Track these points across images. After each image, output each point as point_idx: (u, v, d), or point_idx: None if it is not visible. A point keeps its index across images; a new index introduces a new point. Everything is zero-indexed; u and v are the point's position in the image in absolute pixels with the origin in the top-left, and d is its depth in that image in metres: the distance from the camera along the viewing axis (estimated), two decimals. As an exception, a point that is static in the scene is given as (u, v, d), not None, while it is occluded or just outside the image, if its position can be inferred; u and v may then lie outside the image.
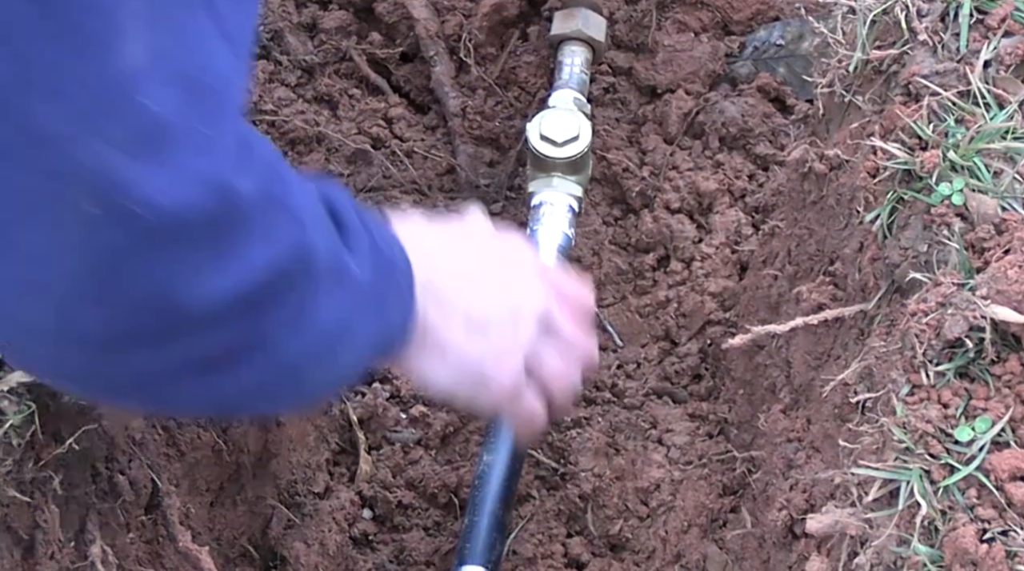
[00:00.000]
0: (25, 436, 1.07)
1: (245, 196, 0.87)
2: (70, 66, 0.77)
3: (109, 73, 0.78)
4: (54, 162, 0.79)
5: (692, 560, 1.40)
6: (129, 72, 0.78)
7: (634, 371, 1.53)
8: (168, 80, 0.80)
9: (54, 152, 0.79)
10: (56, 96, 0.77)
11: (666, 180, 1.58)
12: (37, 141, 0.78)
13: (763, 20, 1.69)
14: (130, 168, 0.80)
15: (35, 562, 1.11)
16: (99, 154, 0.80)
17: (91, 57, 0.77)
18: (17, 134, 0.78)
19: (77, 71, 0.77)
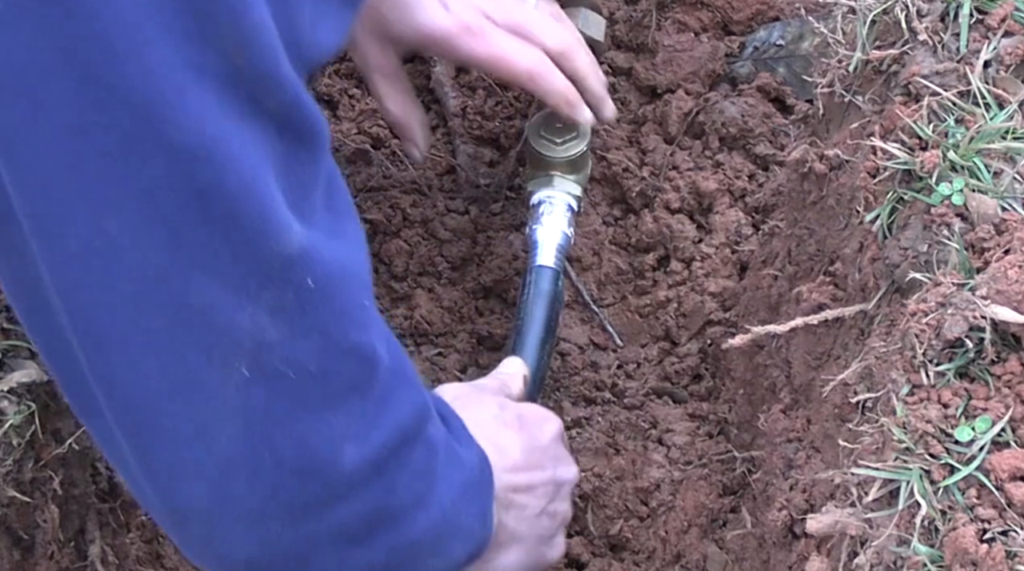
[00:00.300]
0: (25, 436, 1.07)
1: (385, 363, 0.93)
2: (226, 246, 0.81)
3: (263, 253, 0.82)
4: (210, 334, 0.83)
5: (692, 560, 1.40)
6: (283, 254, 0.83)
7: (634, 371, 1.53)
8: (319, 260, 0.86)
9: (210, 322, 0.82)
10: (211, 271, 0.81)
11: (666, 180, 1.58)
12: (195, 314, 0.82)
13: (763, 20, 1.69)
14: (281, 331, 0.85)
15: (35, 562, 1.11)
16: (253, 317, 0.84)
17: (245, 240, 0.81)
18: (175, 313, 0.81)
19: (233, 250, 0.81)
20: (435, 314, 1.54)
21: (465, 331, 1.54)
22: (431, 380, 1.49)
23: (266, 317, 0.84)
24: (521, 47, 1.42)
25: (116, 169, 0.77)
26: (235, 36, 0.77)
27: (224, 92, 0.78)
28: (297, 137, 0.84)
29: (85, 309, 0.81)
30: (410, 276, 1.56)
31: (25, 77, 0.75)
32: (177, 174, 0.78)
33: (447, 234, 1.58)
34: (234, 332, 0.83)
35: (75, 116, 0.76)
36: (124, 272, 0.80)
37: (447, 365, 1.51)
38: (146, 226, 0.79)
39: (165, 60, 0.76)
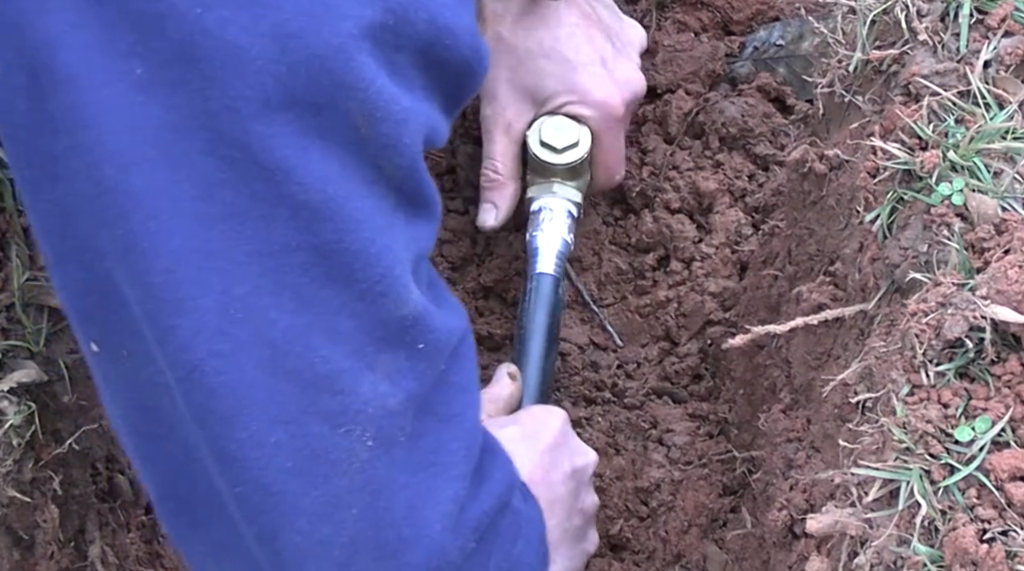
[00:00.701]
0: (25, 436, 1.07)
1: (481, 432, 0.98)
2: (347, 309, 0.83)
3: (383, 316, 0.84)
4: (335, 402, 0.84)
5: (692, 560, 1.40)
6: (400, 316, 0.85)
7: (634, 371, 1.53)
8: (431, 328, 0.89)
9: (335, 389, 0.84)
10: (334, 335, 0.83)
11: (666, 180, 1.58)
12: (321, 381, 0.83)
13: (763, 20, 1.69)
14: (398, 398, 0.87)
15: (35, 562, 1.11)
16: (374, 384, 0.85)
17: (366, 302, 0.83)
18: (302, 380, 0.83)
19: (354, 312, 0.83)
20: (435, 314, 1.54)
21: (465, 331, 1.54)
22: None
23: (386, 384, 0.86)
24: (623, 153, 1.49)
25: (244, 230, 0.79)
26: (361, 108, 0.79)
27: (347, 156, 0.80)
28: (413, 205, 0.86)
29: (213, 386, 0.82)
30: (410, 276, 1.56)
31: (159, 137, 0.77)
32: (301, 232, 0.80)
33: (447, 234, 1.57)
34: (358, 400, 0.85)
35: (205, 176, 0.78)
36: (254, 338, 0.81)
37: (447, 365, 1.51)
38: (273, 288, 0.81)
39: (291, 124, 0.77)
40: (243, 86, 0.76)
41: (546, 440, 1.23)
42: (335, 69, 0.78)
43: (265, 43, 0.76)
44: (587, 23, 1.47)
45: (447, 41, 0.84)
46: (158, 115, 0.76)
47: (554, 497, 1.19)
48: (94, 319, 0.85)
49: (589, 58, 1.45)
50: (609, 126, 1.47)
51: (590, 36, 1.46)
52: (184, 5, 0.75)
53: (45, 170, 0.79)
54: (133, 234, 0.79)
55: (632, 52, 1.53)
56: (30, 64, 0.76)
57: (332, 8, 0.77)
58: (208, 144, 0.77)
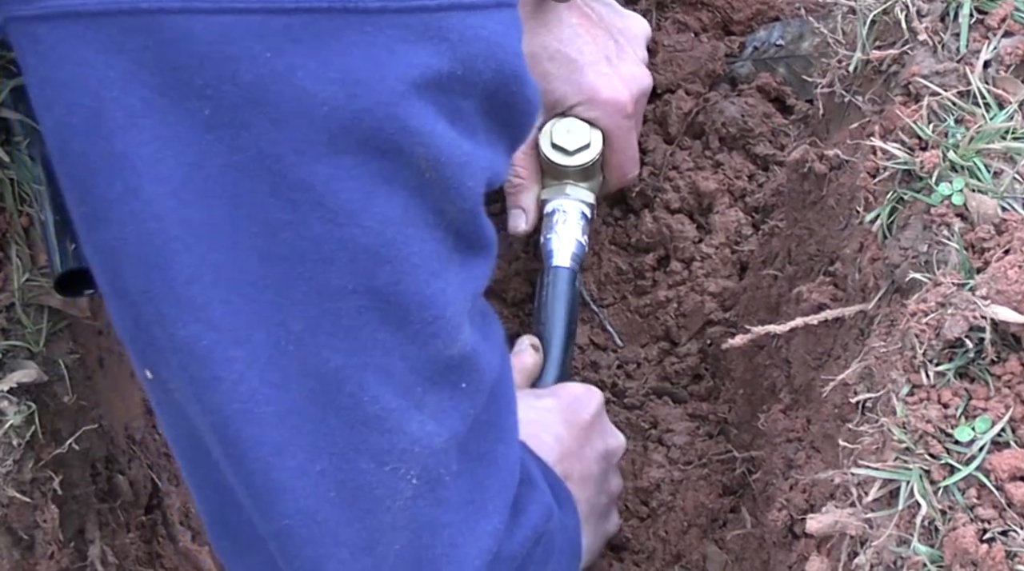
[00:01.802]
0: (25, 436, 1.07)
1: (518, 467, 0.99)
2: (399, 350, 0.84)
3: (432, 357, 0.86)
4: (384, 440, 0.86)
5: (692, 560, 1.40)
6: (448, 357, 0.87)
7: (634, 371, 1.53)
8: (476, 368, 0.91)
9: (384, 428, 0.85)
10: (385, 375, 0.84)
11: (666, 180, 1.58)
12: (370, 419, 0.85)
13: (763, 20, 1.69)
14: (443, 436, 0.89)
15: (35, 562, 1.11)
16: (421, 424, 0.87)
17: (417, 345, 0.85)
18: (350, 417, 0.84)
19: (405, 354, 0.85)
20: (435, 314, 1.54)
21: (465, 331, 1.54)
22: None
23: (432, 423, 0.87)
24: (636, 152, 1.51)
25: (303, 270, 0.80)
26: (426, 153, 0.81)
27: (411, 199, 0.82)
28: (471, 246, 0.88)
29: (264, 415, 0.83)
30: (410, 276, 1.56)
31: (224, 176, 0.78)
32: (358, 274, 0.81)
33: (447, 234, 1.58)
34: (405, 439, 0.86)
35: (267, 215, 0.79)
36: (304, 372, 0.82)
37: (447, 365, 1.51)
38: (328, 328, 0.82)
39: (357, 168, 0.79)
40: (310, 129, 0.77)
41: (584, 416, 1.26)
42: (400, 114, 0.79)
43: (333, 89, 0.77)
44: (589, 23, 1.47)
45: (513, 88, 0.86)
46: (224, 154, 0.78)
47: (587, 473, 1.21)
48: (146, 353, 0.86)
49: (594, 58, 1.46)
50: (619, 124, 1.47)
51: (593, 36, 1.46)
52: (255, 49, 0.76)
53: (97, 212, 0.80)
54: (190, 267, 0.80)
55: (637, 47, 1.53)
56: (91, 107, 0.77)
57: (399, 56, 0.79)
58: (273, 185, 0.78)
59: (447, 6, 0.80)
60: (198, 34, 0.75)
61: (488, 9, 0.83)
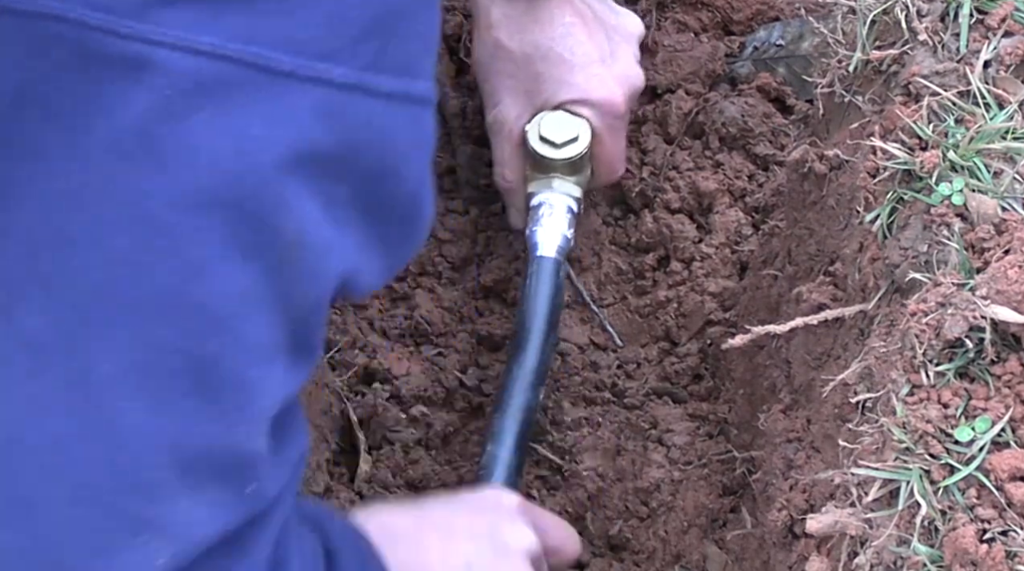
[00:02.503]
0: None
1: None
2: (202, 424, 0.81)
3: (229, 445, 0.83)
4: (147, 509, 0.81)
5: (692, 560, 1.40)
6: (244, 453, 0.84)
7: (634, 371, 1.53)
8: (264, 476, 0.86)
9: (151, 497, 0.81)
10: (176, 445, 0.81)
11: (666, 180, 1.58)
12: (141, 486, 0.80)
13: (763, 20, 1.69)
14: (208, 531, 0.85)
15: (35, 562, 1.11)
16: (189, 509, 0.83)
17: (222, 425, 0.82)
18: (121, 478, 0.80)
19: (205, 431, 0.81)
20: (435, 314, 1.54)
21: (465, 331, 1.54)
22: (431, 380, 1.49)
23: (203, 511, 0.83)
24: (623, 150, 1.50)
25: (134, 312, 0.77)
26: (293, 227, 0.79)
27: (262, 277, 0.79)
28: (298, 350, 0.84)
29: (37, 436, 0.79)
30: (410, 276, 1.56)
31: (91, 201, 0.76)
32: (187, 336, 0.78)
33: (447, 234, 1.58)
34: (170, 515, 0.82)
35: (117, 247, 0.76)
36: (99, 416, 0.79)
37: (447, 365, 1.51)
38: (137, 379, 0.78)
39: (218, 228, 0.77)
40: (188, 177, 0.75)
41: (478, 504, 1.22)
42: (280, 185, 0.77)
43: (222, 143, 0.75)
44: (582, 21, 1.46)
45: (390, 186, 0.84)
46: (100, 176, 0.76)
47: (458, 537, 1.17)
48: None
49: (586, 57, 1.45)
50: (610, 124, 1.47)
51: (587, 34, 1.46)
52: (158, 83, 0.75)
53: None
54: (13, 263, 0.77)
55: (630, 45, 1.53)
56: None
57: (294, 126, 0.77)
58: (133, 220, 0.76)
59: (351, 86, 0.78)
60: (110, 54, 0.74)
61: (392, 100, 0.81)
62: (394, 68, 0.81)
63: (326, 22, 0.77)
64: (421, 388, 1.49)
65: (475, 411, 1.50)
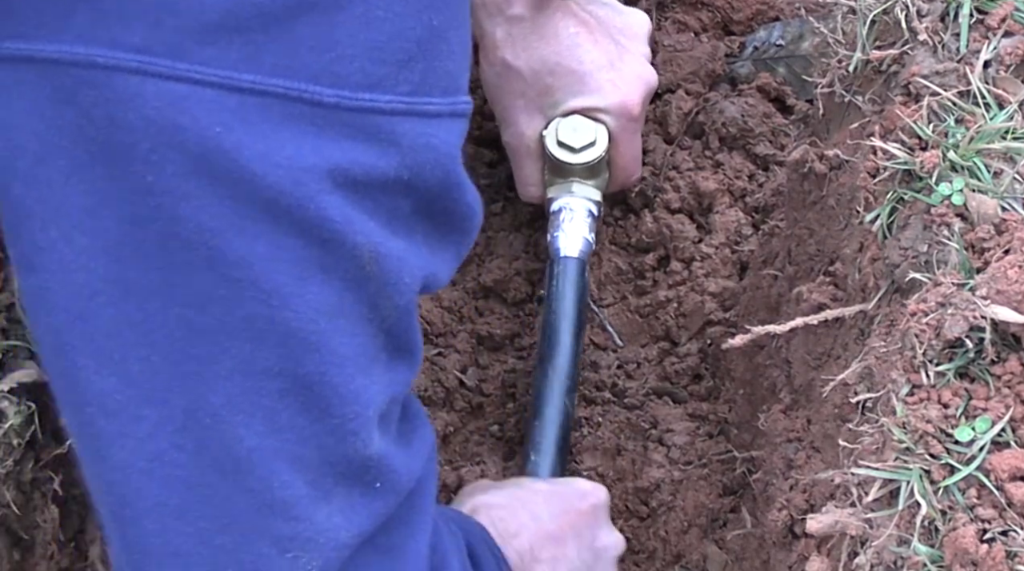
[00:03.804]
0: (25, 436, 1.07)
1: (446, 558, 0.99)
2: (316, 440, 0.84)
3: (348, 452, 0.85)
4: (288, 527, 0.85)
5: (692, 560, 1.40)
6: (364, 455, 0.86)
7: (634, 371, 1.53)
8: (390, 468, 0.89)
9: (290, 515, 0.84)
10: (298, 463, 0.84)
11: (666, 180, 1.58)
12: (277, 504, 0.84)
13: (763, 20, 1.69)
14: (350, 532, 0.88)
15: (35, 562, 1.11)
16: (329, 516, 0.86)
17: (335, 437, 0.84)
18: (258, 500, 0.83)
19: (322, 445, 0.84)
20: (435, 314, 1.54)
21: (465, 331, 1.54)
22: (431, 380, 1.49)
23: (340, 517, 0.86)
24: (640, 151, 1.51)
25: (230, 347, 0.80)
26: (368, 244, 0.81)
27: (347, 292, 0.81)
28: (397, 349, 0.87)
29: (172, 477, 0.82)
30: (410, 276, 1.56)
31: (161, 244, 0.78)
32: (285, 359, 0.81)
33: (447, 234, 1.58)
34: (311, 528, 0.85)
35: (202, 286, 0.78)
36: (219, 447, 0.82)
37: (447, 365, 1.51)
38: (247, 405, 0.81)
39: (294, 252, 0.79)
40: (252, 208, 0.77)
41: (578, 506, 1.24)
42: (342, 207, 0.79)
43: (278, 174, 0.77)
44: (586, 30, 1.46)
45: (455, 195, 0.87)
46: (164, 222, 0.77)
47: (562, 558, 1.19)
48: (63, 401, 0.85)
49: (595, 64, 1.45)
50: (626, 127, 1.47)
51: (592, 41, 1.46)
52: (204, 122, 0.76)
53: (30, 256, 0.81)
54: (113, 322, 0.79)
55: (639, 44, 1.52)
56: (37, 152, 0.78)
57: (346, 153, 0.79)
58: (210, 259, 0.78)
59: (401, 111, 0.80)
60: (148, 97, 0.75)
61: (441, 118, 0.83)
62: (440, 88, 0.83)
63: (367, 54, 0.79)
64: (421, 388, 1.49)
65: (475, 411, 1.50)
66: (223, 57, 0.75)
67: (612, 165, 1.50)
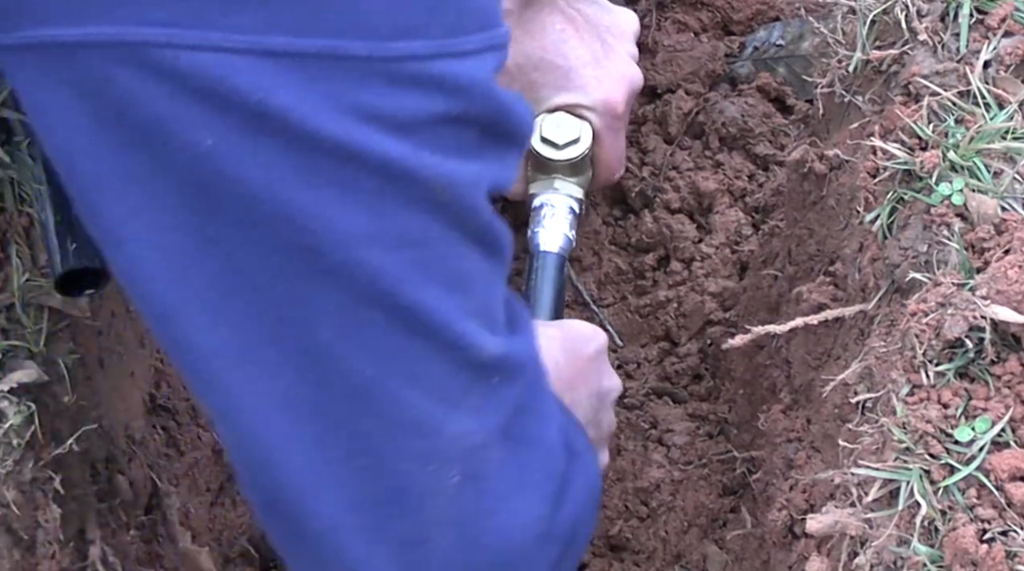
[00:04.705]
0: (25, 436, 1.07)
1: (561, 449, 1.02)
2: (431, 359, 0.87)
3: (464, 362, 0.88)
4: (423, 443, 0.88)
5: (692, 560, 1.40)
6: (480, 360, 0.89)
7: (634, 371, 1.53)
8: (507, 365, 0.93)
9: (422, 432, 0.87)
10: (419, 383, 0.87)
11: (666, 180, 1.58)
12: (408, 425, 0.87)
13: (763, 20, 1.69)
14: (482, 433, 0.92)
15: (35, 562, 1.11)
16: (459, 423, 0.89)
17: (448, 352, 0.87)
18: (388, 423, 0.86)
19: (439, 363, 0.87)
20: (435, 314, 1.54)
21: (465, 331, 1.54)
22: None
23: (470, 421, 0.89)
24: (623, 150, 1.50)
25: (327, 286, 0.82)
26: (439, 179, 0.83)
27: (432, 221, 0.84)
28: (490, 251, 0.91)
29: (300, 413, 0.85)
30: (410, 276, 1.56)
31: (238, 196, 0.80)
32: (382, 294, 0.83)
33: (447, 234, 1.57)
34: (443, 440, 0.88)
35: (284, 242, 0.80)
36: (340, 378, 0.84)
37: (447, 365, 1.51)
38: (357, 337, 0.83)
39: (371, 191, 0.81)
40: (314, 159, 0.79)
41: (584, 351, 1.26)
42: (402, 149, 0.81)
43: (330, 127, 0.78)
44: (573, 26, 1.46)
45: (508, 115, 0.89)
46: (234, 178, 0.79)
47: (577, 405, 1.22)
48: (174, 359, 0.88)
49: (580, 61, 1.45)
50: (609, 125, 1.46)
51: (578, 38, 1.46)
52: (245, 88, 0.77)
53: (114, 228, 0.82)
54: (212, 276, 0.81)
55: (626, 43, 1.52)
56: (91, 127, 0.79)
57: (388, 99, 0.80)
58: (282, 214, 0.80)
59: (437, 54, 0.81)
60: (184, 70, 0.75)
61: (481, 54, 0.84)
62: (474, 25, 0.84)
63: (391, 3, 0.79)
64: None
65: (475, 411, 1.50)
66: (250, 23, 0.76)
67: (595, 163, 1.49)
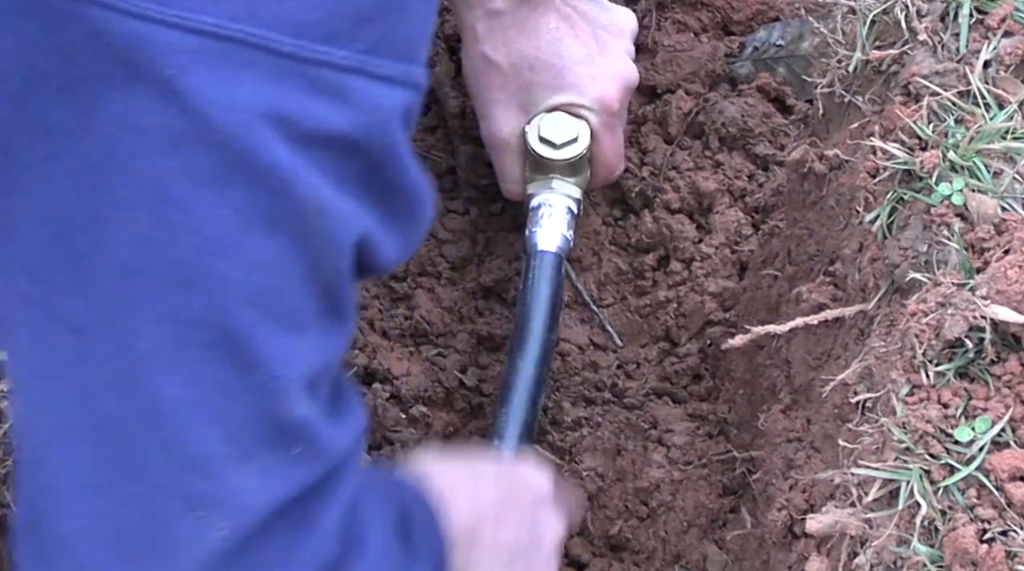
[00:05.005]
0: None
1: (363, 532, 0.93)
2: (241, 397, 0.82)
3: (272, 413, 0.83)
4: (199, 484, 0.82)
5: (692, 560, 1.40)
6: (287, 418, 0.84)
7: (634, 371, 1.53)
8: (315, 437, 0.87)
9: (204, 472, 0.82)
10: (219, 418, 0.81)
11: (666, 180, 1.58)
12: (191, 460, 0.81)
13: (763, 20, 1.69)
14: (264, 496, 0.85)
15: (35, 562, 1.11)
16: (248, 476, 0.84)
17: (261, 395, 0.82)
18: (169, 454, 0.81)
19: (247, 403, 0.82)
20: (435, 314, 1.54)
21: (465, 331, 1.54)
22: (431, 380, 1.49)
23: (257, 481, 0.84)
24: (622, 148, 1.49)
25: (161, 289, 0.78)
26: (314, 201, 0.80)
27: (291, 249, 0.80)
28: (332, 314, 0.85)
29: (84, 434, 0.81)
30: (410, 276, 1.56)
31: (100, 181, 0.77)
32: (216, 310, 0.79)
33: (447, 234, 1.57)
34: (225, 489, 0.82)
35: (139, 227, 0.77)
36: (139, 394, 0.80)
37: (447, 365, 1.51)
38: (173, 353, 0.79)
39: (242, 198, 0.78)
40: (200, 152, 0.76)
41: (523, 493, 1.19)
42: (294, 158, 0.78)
43: (230, 118, 0.76)
44: (568, 25, 1.46)
45: (398, 168, 0.85)
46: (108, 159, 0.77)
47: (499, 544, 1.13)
48: None
49: (574, 58, 1.45)
50: (606, 123, 1.46)
51: (573, 36, 1.45)
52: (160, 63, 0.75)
53: None
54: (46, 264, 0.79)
55: (622, 40, 1.52)
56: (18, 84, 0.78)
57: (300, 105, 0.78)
58: (151, 200, 0.77)
59: (353, 68, 0.79)
60: (113, 33, 0.75)
61: (393, 83, 0.82)
62: (395, 53, 0.82)
63: (327, 5, 0.78)
64: (421, 388, 1.49)
65: (475, 411, 1.50)
66: None
67: (593, 161, 1.49)
